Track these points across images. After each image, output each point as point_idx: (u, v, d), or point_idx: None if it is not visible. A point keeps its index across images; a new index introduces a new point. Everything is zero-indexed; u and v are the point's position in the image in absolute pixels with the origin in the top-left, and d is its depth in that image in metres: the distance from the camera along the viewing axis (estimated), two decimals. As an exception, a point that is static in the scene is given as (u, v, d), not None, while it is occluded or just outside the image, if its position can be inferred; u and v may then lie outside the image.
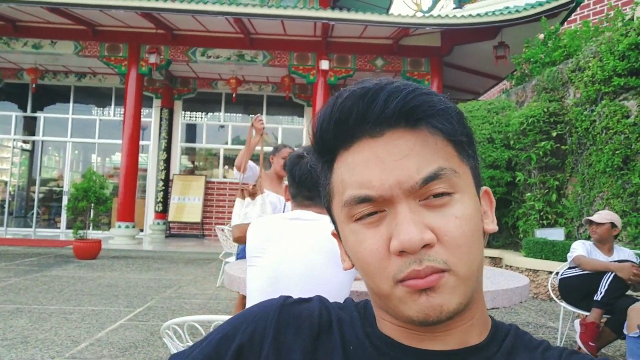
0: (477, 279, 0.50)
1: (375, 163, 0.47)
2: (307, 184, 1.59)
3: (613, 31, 5.83)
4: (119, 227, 9.68)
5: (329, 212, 0.56)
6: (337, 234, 0.57)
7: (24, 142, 12.64)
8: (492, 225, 0.54)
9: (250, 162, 3.68)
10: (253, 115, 12.45)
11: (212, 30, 9.77)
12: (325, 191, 0.55)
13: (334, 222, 0.56)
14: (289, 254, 1.48)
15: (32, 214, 12.31)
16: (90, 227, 8.92)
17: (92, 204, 7.86)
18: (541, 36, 7.77)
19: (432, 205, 0.47)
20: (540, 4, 8.19)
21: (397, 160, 0.47)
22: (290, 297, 0.60)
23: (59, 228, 12.24)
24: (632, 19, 6.37)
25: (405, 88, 0.48)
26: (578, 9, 9.34)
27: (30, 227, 12.22)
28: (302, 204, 1.62)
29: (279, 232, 1.53)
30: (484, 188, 0.55)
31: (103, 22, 9.57)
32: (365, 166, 0.48)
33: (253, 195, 3.13)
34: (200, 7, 8.58)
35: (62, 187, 12.31)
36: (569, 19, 9.29)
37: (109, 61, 9.94)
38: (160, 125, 12.29)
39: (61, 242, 9.71)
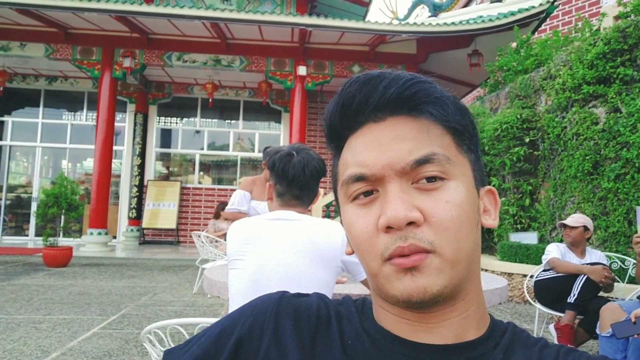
0: (468, 267, 0.50)
1: (374, 145, 0.50)
2: (299, 182, 1.58)
3: (582, 41, 6.02)
4: (91, 234, 9.43)
5: (336, 198, 0.58)
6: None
7: (-9, 147, 12.22)
8: (491, 222, 0.55)
9: (242, 193, 3.58)
10: (229, 121, 12.44)
11: (189, 35, 9.68)
12: (333, 176, 0.58)
13: (338, 207, 0.57)
14: (270, 255, 1.46)
15: (-1, 221, 11.89)
16: (61, 234, 8.67)
17: (63, 210, 7.65)
18: (514, 45, 7.98)
19: (424, 189, 0.48)
20: (512, 14, 8.41)
21: (392, 143, 0.49)
22: (288, 291, 0.59)
23: (27, 235, 11.85)
24: (599, 29, 6.59)
25: (405, 76, 0.51)
26: (548, 19, 9.63)
27: (-3, 235, 11.80)
28: (288, 203, 1.60)
29: (260, 234, 1.51)
30: (488, 187, 0.56)
31: (75, 25, 9.36)
32: (364, 148, 0.51)
33: None
34: (177, 11, 8.49)
35: (31, 193, 11.94)
36: (539, 29, 9.57)
37: (81, 64, 9.72)
38: (135, 130, 12.06)
39: (30, 250, 9.40)
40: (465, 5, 12.54)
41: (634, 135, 4.67)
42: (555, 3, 8.57)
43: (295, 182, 1.58)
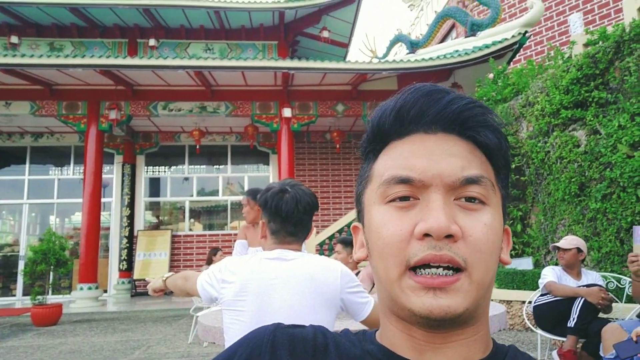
0: (486, 293, 0.51)
1: (424, 153, 0.50)
2: (293, 219, 1.58)
3: (555, 68, 6.24)
4: (81, 289, 9.21)
5: (358, 203, 0.58)
6: (357, 226, 0.59)
7: (-24, 207, 12.04)
8: (506, 257, 0.55)
9: (241, 242, 3.60)
10: (218, 166, 12.48)
11: (173, 84, 9.83)
12: (362, 179, 0.57)
13: (360, 210, 0.57)
14: (271, 296, 1.45)
15: (-15, 282, 11.57)
16: (50, 292, 8.45)
17: (52, 267, 7.49)
18: (491, 76, 8.22)
19: (465, 207, 0.49)
20: (487, 46, 8.71)
21: (444, 156, 0.50)
22: (283, 323, 0.59)
23: (14, 295, 11.51)
24: (570, 56, 6.84)
25: (467, 98, 0.52)
26: (522, 50, 9.98)
27: (-17, 296, 11.45)
28: (284, 241, 1.60)
29: (260, 274, 1.50)
30: (505, 227, 0.56)
31: (61, 81, 9.47)
32: (413, 154, 0.51)
33: None
34: (161, 62, 8.66)
35: (18, 252, 11.69)
36: (514, 59, 9.90)
37: (67, 119, 9.77)
38: (123, 181, 12.02)
39: (17, 310, 9.13)
40: (442, 41, 12.97)
41: (615, 155, 4.77)
42: (527, 34, 8.90)
43: (289, 218, 1.58)
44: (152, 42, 11.59)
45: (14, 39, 11.06)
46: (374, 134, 0.55)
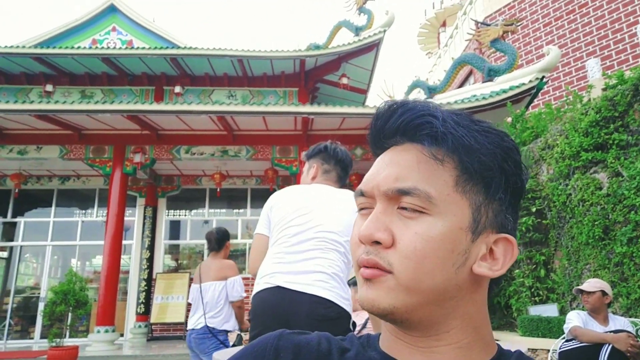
0: (437, 302, 0.50)
1: (378, 166, 0.56)
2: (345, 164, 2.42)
3: (574, 111, 6.24)
4: (98, 332, 9.17)
5: None
6: None
7: (1, 249, 12.28)
8: (488, 270, 0.52)
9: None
10: (237, 210, 12.57)
11: (196, 129, 10.12)
12: None
13: None
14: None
15: (4, 325, 11.62)
16: (68, 335, 8.43)
17: (71, 308, 7.52)
18: (509, 120, 8.25)
19: (404, 215, 0.51)
20: (505, 91, 8.78)
21: (388, 166, 0.54)
22: (287, 330, 0.60)
23: (32, 339, 11.50)
24: (589, 100, 6.85)
25: (422, 107, 0.54)
26: (540, 94, 10.04)
27: (1, 339, 11.48)
28: (330, 178, 2.37)
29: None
30: (504, 236, 0.53)
31: (89, 126, 9.86)
32: (373, 167, 0.57)
33: None
34: (185, 107, 8.97)
35: (39, 294, 11.79)
36: (532, 104, 9.94)
37: (94, 163, 10.08)
38: (144, 224, 12.18)
39: (34, 353, 9.10)
40: (460, 87, 13.16)
41: (639, 197, 4.67)
42: (544, 79, 8.98)
43: (341, 162, 2.35)
44: (177, 89, 12.05)
45: (49, 88, 11.66)
46: (371, 151, 0.62)
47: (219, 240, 3.82)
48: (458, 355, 0.51)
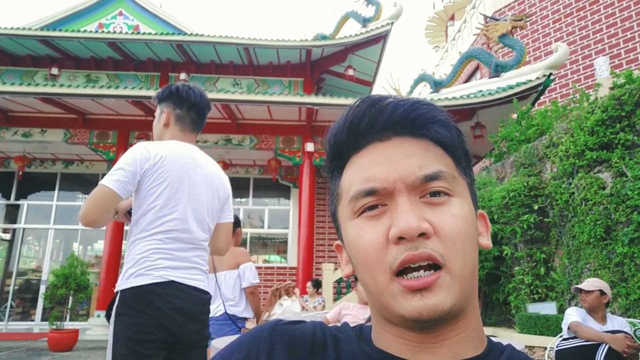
0: (471, 284, 0.51)
1: (382, 161, 0.52)
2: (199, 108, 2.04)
3: (580, 110, 6.20)
4: (98, 316, 9.25)
5: (334, 220, 0.59)
6: (339, 244, 0.60)
7: (4, 231, 12.35)
8: (486, 242, 0.57)
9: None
10: (240, 199, 12.58)
11: (200, 117, 10.07)
12: (332, 197, 0.59)
13: (337, 228, 0.58)
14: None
15: (6, 307, 11.73)
16: (68, 318, 8.51)
17: (72, 292, 7.58)
18: (514, 116, 8.20)
19: (431, 203, 0.50)
20: (511, 87, 8.73)
21: (401, 159, 0.52)
22: (283, 319, 0.60)
23: (33, 320, 11.61)
24: (596, 99, 6.79)
25: (411, 99, 0.55)
26: (547, 91, 9.97)
27: (2, 320, 11.59)
28: (186, 129, 2.05)
29: None
30: (480, 211, 0.58)
31: (94, 111, 9.85)
32: (372, 164, 0.53)
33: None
34: (189, 95, 8.93)
35: (40, 277, 11.88)
36: (538, 101, 9.87)
37: (97, 147, 10.10)
38: (146, 210, 12.19)
39: (34, 335, 9.21)
40: (466, 82, 13.08)
41: (643, 198, 4.64)
42: (552, 76, 8.91)
43: (195, 107, 2.03)
44: (182, 76, 12.03)
45: (54, 71, 11.64)
46: (333, 152, 0.58)
47: None
48: (460, 345, 0.51)
